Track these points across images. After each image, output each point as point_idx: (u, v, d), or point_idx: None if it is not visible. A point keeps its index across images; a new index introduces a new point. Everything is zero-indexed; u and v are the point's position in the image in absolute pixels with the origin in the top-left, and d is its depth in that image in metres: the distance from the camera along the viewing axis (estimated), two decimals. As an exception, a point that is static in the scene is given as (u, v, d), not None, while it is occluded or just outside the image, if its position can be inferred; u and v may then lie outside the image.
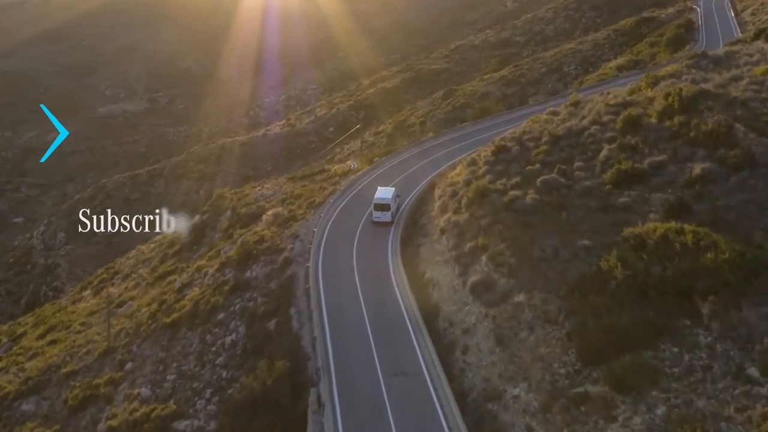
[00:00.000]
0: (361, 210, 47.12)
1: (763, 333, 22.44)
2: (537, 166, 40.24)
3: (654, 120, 40.16)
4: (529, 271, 30.31)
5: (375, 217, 44.67)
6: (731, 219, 29.67)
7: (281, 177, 71.01)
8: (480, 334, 29.08)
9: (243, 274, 42.89)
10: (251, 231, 49.92)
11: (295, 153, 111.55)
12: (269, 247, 44.87)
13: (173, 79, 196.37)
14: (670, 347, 23.34)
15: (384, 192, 46.14)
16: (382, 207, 44.61)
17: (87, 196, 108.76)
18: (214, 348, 37.00)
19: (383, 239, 42.01)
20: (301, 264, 40.93)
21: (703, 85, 42.62)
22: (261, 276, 41.71)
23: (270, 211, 52.51)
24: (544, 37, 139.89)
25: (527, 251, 31.66)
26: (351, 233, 43.77)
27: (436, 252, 38.07)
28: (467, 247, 34.83)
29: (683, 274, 25.36)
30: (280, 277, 40.45)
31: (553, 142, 43.01)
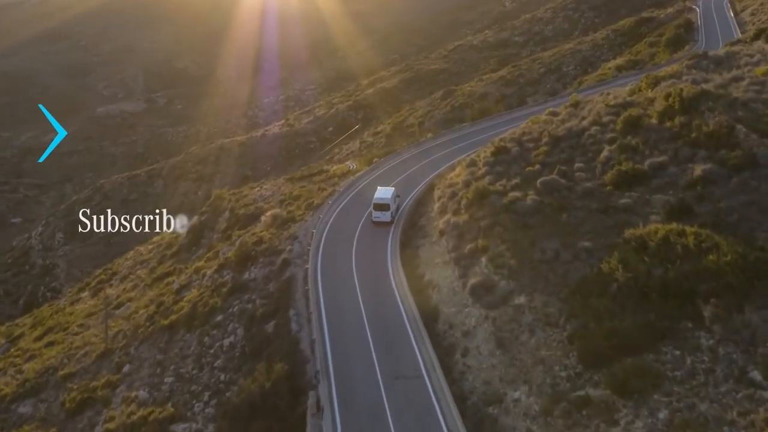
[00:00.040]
0: (360, 211, 46.92)
1: (766, 336, 22.23)
2: (537, 167, 40.03)
3: (655, 121, 39.97)
4: (530, 273, 30.10)
5: (374, 217, 44.50)
6: (733, 221, 29.44)
7: (280, 177, 70.86)
8: (480, 336, 28.88)
9: (241, 275, 42.68)
10: (250, 232, 49.73)
11: (294, 153, 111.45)
12: (268, 249, 44.64)
13: (171, 80, 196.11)
14: (672, 350, 23.16)
15: (383, 192, 45.97)
16: (381, 207, 44.43)
17: (85, 196, 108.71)
18: (212, 350, 36.80)
19: (382, 241, 41.81)
20: (300, 265, 40.73)
21: (704, 86, 42.41)
22: (259, 278, 41.48)
23: (269, 212, 52.24)
24: (542, 38, 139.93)
25: (527, 253, 31.45)
26: (350, 235, 43.58)
27: (435, 253, 37.86)
28: (467, 249, 34.61)
29: (685, 276, 25.15)
30: (278, 279, 40.24)
31: (553, 142, 42.80)
